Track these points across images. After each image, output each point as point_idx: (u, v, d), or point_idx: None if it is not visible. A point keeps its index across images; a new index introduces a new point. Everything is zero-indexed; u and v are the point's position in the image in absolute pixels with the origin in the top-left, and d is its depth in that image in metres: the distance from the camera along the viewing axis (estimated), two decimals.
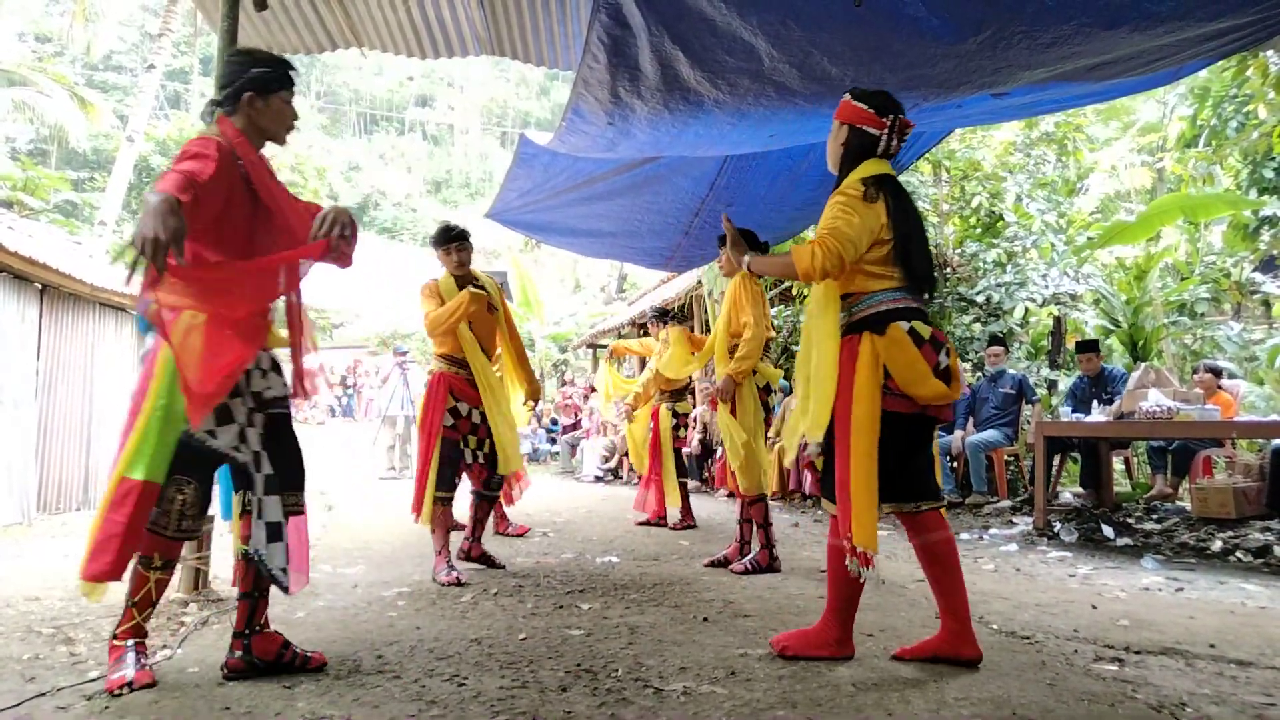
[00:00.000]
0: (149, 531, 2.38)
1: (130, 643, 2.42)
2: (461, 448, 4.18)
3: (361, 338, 26.34)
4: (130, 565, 2.36)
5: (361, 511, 7.32)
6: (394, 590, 3.84)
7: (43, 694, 2.31)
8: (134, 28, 30.42)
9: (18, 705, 2.21)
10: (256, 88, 2.49)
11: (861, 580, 2.53)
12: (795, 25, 3.16)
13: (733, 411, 4.28)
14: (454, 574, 4.00)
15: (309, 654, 2.57)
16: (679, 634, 3.02)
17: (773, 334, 4.40)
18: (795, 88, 3.58)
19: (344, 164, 35.49)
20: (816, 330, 2.68)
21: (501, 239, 26.71)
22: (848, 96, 2.75)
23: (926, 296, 2.75)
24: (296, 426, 2.67)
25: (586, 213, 5.84)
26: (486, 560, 4.38)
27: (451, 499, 4.17)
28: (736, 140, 4.29)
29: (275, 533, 2.45)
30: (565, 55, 4.91)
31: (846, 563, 2.52)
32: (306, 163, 24.10)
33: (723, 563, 4.45)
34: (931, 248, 4.36)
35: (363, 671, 2.55)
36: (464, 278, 4.25)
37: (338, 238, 2.38)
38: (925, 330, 2.61)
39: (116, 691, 2.29)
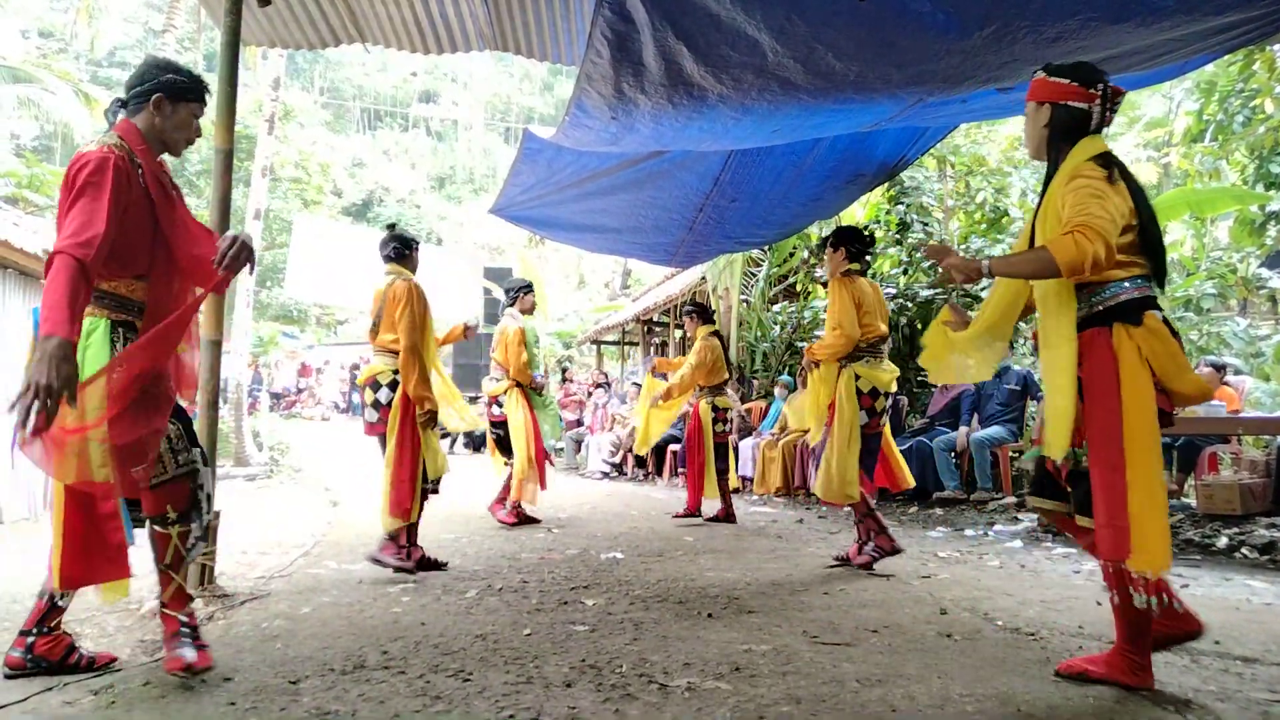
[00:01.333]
0: (151, 490, 2.37)
1: (182, 613, 2.42)
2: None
3: (365, 334, 26.35)
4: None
5: (366, 508, 7.32)
6: (399, 586, 3.85)
7: (49, 689, 2.32)
8: (138, 24, 30.42)
9: (25, 700, 2.23)
10: (167, 91, 2.48)
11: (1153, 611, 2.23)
12: (799, 20, 3.15)
13: (833, 413, 4.17)
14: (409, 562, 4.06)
15: (94, 655, 2.54)
16: (683, 630, 3.02)
17: (883, 331, 4.27)
18: (799, 83, 3.57)
19: (348, 160, 35.49)
20: (1054, 332, 2.38)
21: (506, 235, 26.74)
22: (1042, 74, 2.49)
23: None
24: (301, 423, 2.68)
25: (590, 208, 5.84)
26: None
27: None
28: (740, 135, 4.28)
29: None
30: (569, 50, 4.91)
31: (1133, 594, 2.24)
32: (310, 159, 24.15)
33: (845, 560, 4.31)
34: (937, 243, 4.35)
35: (368, 667, 2.55)
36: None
37: (237, 268, 2.43)
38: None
39: (178, 673, 2.29)
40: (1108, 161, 2.36)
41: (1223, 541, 4.98)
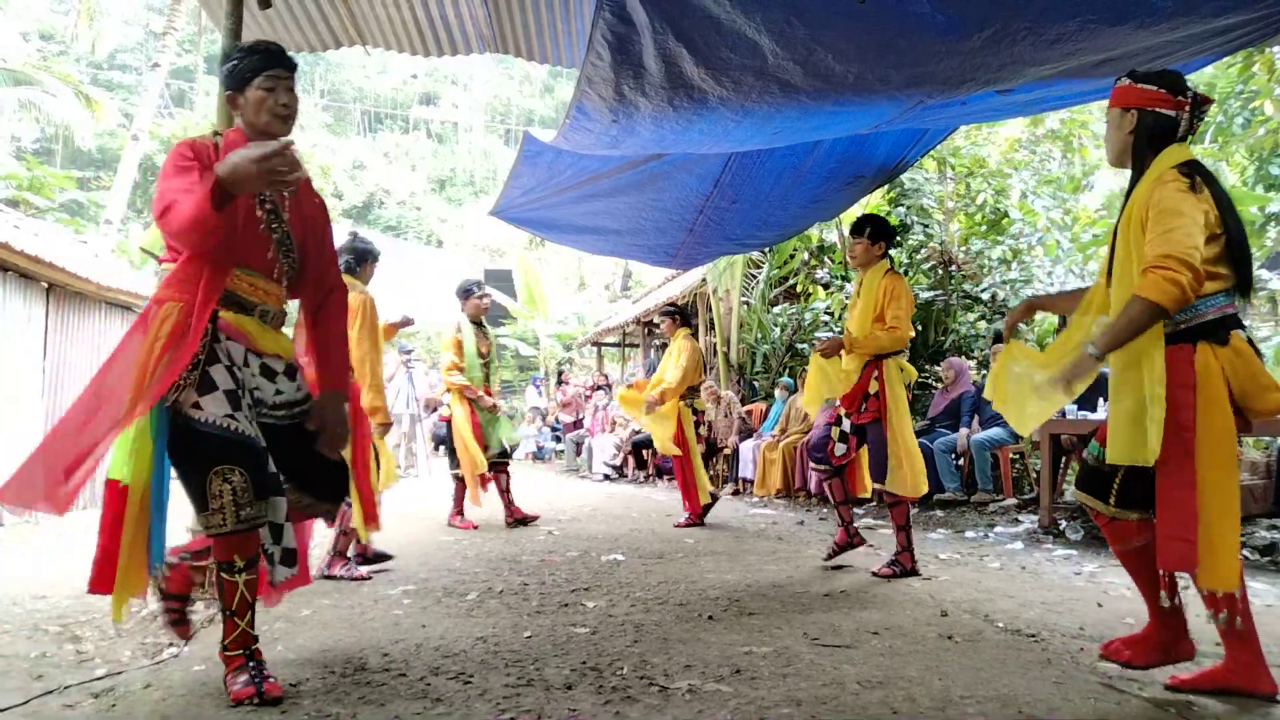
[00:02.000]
0: (212, 537, 2.26)
1: (242, 651, 2.31)
2: None
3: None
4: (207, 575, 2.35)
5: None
6: (399, 589, 3.85)
7: (50, 692, 2.32)
8: (138, 26, 30.45)
9: (25, 703, 2.22)
10: (232, 85, 2.40)
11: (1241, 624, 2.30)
12: (799, 23, 3.15)
13: (884, 405, 4.10)
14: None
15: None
16: (684, 632, 3.02)
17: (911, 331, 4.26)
18: (799, 85, 3.57)
19: (348, 162, 35.48)
20: (1145, 341, 2.31)
21: (506, 237, 26.72)
22: (1127, 80, 2.46)
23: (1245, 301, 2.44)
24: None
25: (590, 210, 5.84)
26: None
27: None
28: (740, 138, 4.28)
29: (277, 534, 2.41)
30: (569, 53, 4.91)
31: (1210, 614, 2.32)
32: (311, 161, 24.13)
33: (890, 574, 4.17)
34: (936, 245, 4.31)
35: (369, 670, 2.55)
36: None
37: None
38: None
39: (246, 701, 2.21)
40: (1191, 170, 2.33)
41: None
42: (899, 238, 9.28)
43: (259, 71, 2.37)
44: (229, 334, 2.35)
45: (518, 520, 6.08)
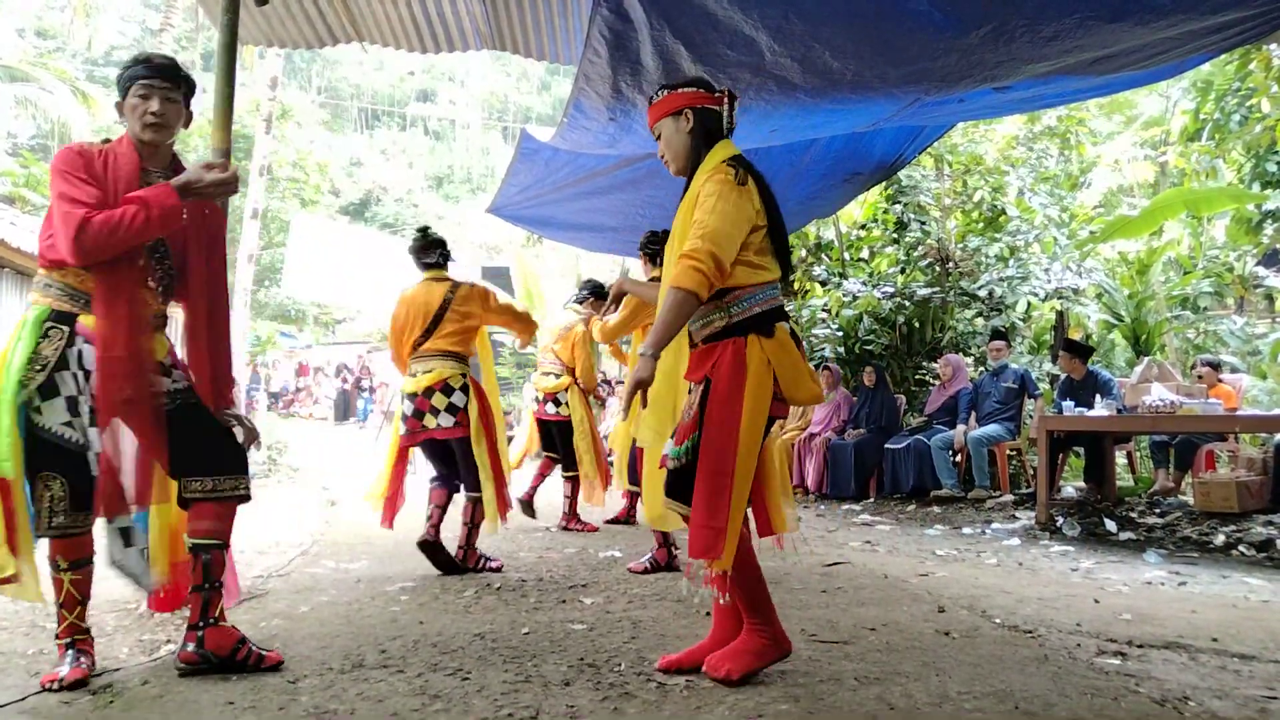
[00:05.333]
0: (36, 534, 2.36)
1: (68, 640, 2.40)
2: None
3: (363, 334, 26.30)
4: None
5: (364, 507, 7.32)
6: (397, 585, 3.85)
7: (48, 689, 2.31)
8: (135, 23, 30.36)
9: (23, 699, 2.22)
10: (120, 93, 2.49)
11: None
12: (797, 19, 3.16)
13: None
14: None
15: (264, 652, 2.51)
16: (682, 628, 3.02)
17: None
18: (797, 82, 3.57)
19: (345, 160, 35.44)
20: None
21: (503, 234, 26.67)
22: (666, 92, 2.58)
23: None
24: (299, 422, 2.67)
25: (588, 207, 5.85)
26: None
27: None
28: (737, 136, 4.28)
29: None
30: (566, 50, 4.91)
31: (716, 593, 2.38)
32: (308, 158, 24.09)
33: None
34: (934, 242, 4.36)
35: (366, 666, 2.55)
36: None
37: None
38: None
39: (48, 686, 2.28)
40: (737, 163, 2.45)
41: (1220, 539, 4.99)
42: (896, 235, 9.30)
43: (134, 80, 2.46)
44: (86, 337, 2.40)
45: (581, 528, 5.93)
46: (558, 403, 5.72)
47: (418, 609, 3.37)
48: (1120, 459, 7.28)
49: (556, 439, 5.82)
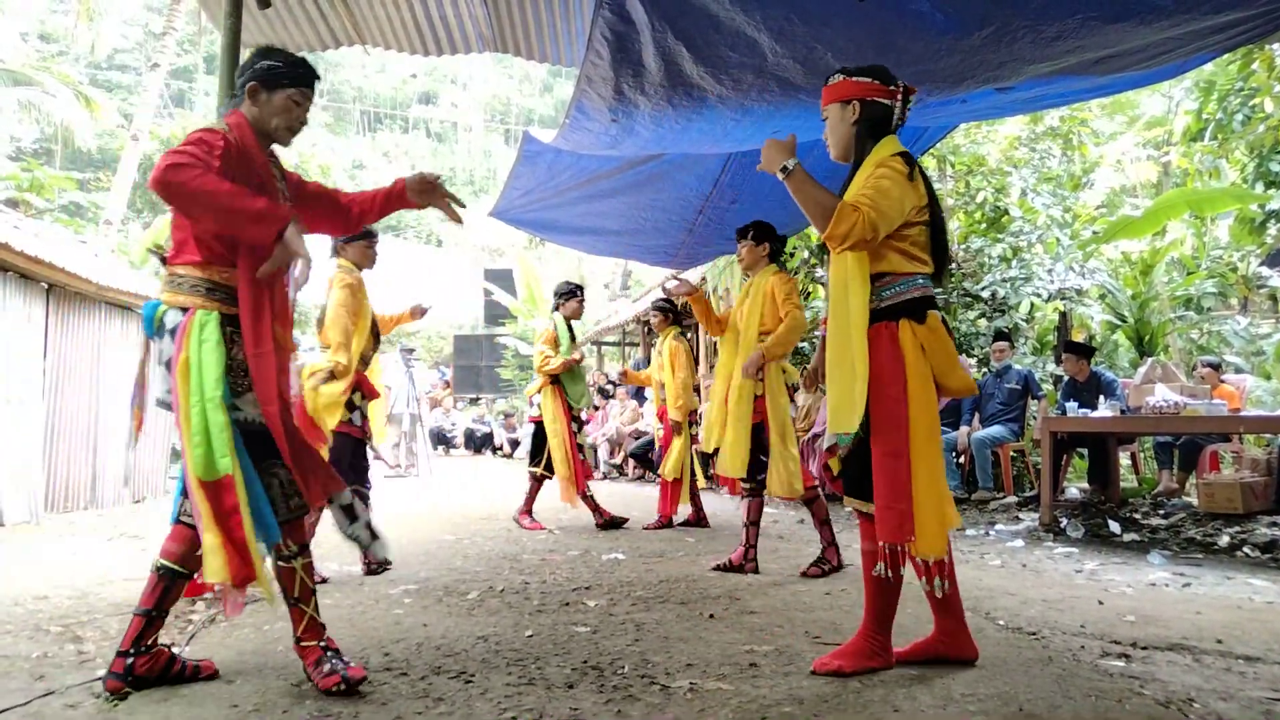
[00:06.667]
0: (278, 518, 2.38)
1: (319, 643, 2.40)
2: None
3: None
4: (266, 568, 2.34)
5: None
6: (400, 588, 3.85)
7: (51, 692, 2.31)
8: (138, 26, 30.41)
9: (27, 703, 2.22)
10: (261, 79, 2.43)
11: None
12: (798, 20, 3.16)
13: (765, 408, 4.14)
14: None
15: (198, 664, 2.48)
16: (685, 631, 3.02)
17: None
18: (799, 83, 3.57)
19: (348, 162, 35.43)
20: (847, 321, 2.50)
21: (506, 237, 26.70)
22: (840, 76, 2.60)
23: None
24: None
25: (590, 210, 5.84)
26: None
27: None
28: (740, 137, 4.28)
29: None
30: (568, 52, 4.91)
31: (923, 582, 2.41)
32: (311, 161, 24.10)
33: (727, 567, 4.26)
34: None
35: (370, 668, 2.55)
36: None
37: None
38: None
39: (334, 689, 2.28)
40: (908, 159, 2.49)
41: (1224, 540, 4.98)
42: None
43: (296, 83, 2.46)
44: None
45: (608, 522, 6.02)
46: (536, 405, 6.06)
47: (421, 611, 3.37)
48: (1124, 460, 7.27)
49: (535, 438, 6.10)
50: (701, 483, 6.27)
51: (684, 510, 6.14)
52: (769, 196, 5.61)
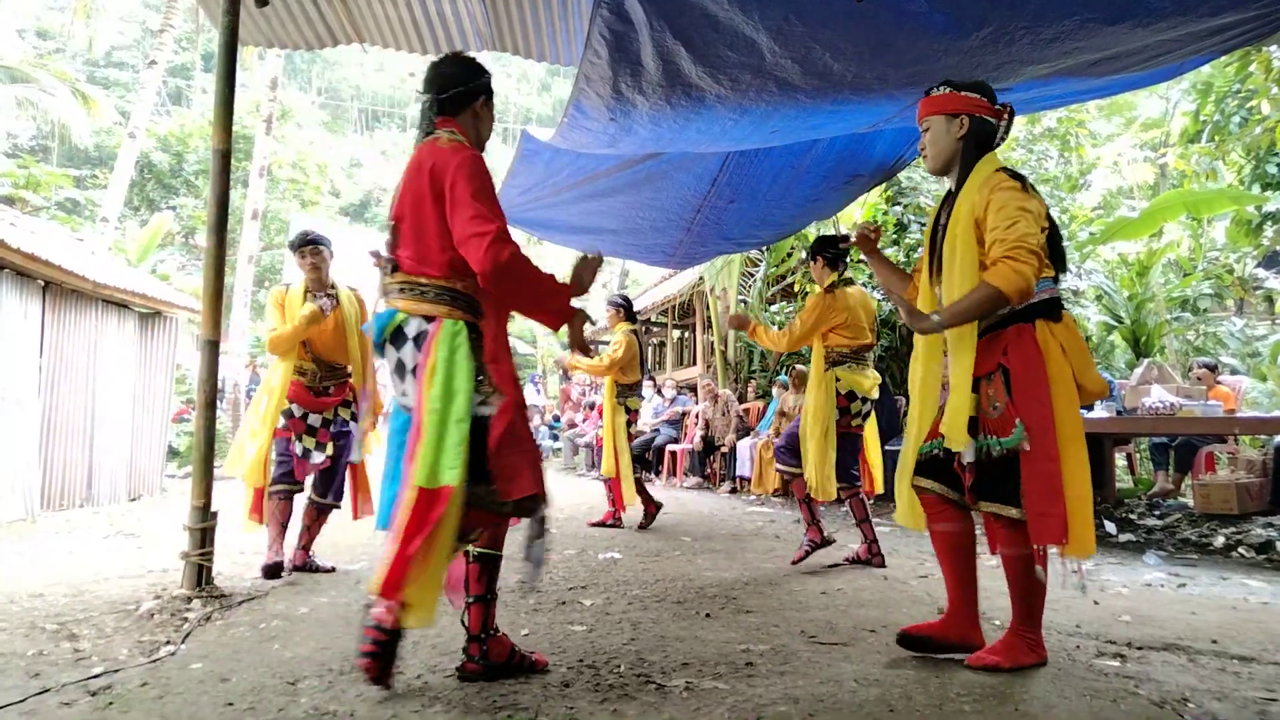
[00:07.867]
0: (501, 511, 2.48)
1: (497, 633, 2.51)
2: (291, 444, 4.18)
3: None
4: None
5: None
6: None
7: (47, 690, 2.31)
8: (135, 24, 30.39)
9: (22, 701, 2.22)
10: (488, 92, 2.55)
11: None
12: (797, 21, 3.15)
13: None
14: (277, 559, 4.03)
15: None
16: (681, 630, 3.02)
17: (868, 340, 4.48)
18: (797, 83, 3.57)
19: (346, 160, 35.43)
20: (961, 337, 2.58)
21: None
22: (948, 89, 2.63)
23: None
24: None
25: (588, 209, 5.84)
26: (310, 568, 4.24)
27: (290, 493, 4.20)
28: (738, 136, 4.28)
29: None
30: (567, 51, 4.90)
31: (1036, 572, 2.52)
32: (308, 159, 24.06)
33: (855, 559, 4.46)
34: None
35: None
36: (316, 286, 4.35)
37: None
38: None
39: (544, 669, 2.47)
40: (1016, 174, 2.52)
41: (1220, 541, 4.99)
42: (896, 236, 9.29)
43: (492, 95, 2.61)
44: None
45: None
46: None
47: None
48: (1120, 461, 7.28)
49: None
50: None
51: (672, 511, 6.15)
52: (766, 197, 5.61)
